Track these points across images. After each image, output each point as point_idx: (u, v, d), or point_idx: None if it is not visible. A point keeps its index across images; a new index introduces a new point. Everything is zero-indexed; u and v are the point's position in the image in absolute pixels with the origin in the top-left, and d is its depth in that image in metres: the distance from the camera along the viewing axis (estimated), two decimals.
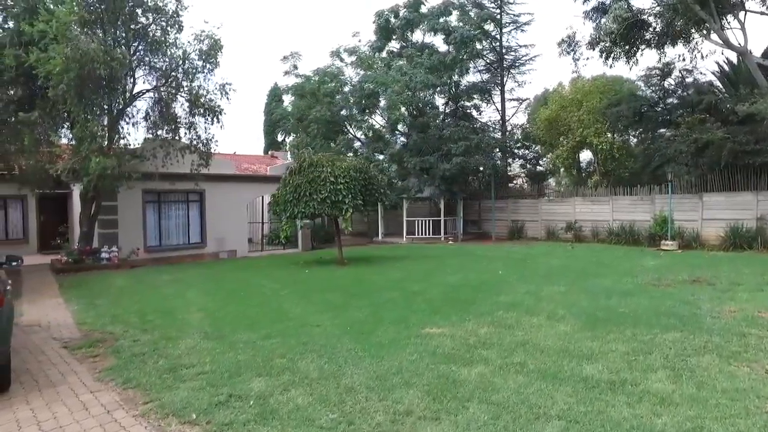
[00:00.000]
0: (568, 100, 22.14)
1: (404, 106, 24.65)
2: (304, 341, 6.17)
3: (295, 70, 25.98)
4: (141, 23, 14.54)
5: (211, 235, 18.51)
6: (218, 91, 15.32)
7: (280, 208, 13.51)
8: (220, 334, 6.62)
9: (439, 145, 22.67)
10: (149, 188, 16.45)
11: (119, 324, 7.35)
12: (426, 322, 6.96)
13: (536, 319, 6.90)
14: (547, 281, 10.05)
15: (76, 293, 10.27)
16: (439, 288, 9.66)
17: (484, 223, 24.59)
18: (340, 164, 13.66)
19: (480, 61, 25.81)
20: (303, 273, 12.59)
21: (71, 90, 12.42)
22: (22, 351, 6.17)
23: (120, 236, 15.92)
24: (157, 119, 15.30)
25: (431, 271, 12.09)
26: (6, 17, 13.81)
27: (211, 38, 14.85)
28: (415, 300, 8.56)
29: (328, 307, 8.19)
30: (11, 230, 18.43)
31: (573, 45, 20.65)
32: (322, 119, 23.74)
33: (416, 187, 22.68)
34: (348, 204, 13.20)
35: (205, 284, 11.18)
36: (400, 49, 26.05)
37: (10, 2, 13.61)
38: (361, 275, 11.77)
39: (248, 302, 8.90)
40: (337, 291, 9.70)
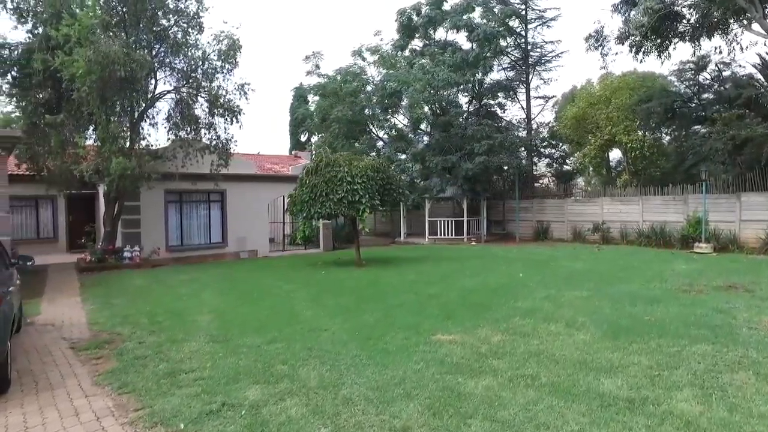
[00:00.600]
0: (597, 97, 21.41)
1: (426, 104, 24.36)
2: (310, 346, 5.97)
3: (318, 70, 25.94)
4: (162, 25, 14.68)
5: (232, 235, 18.61)
6: (237, 92, 15.36)
7: (297, 208, 13.41)
8: (226, 337, 6.49)
9: (461, 144, 22.26)
10: (171, 188, 16.64)
11: (129, 325, 7.32)
12: (437, 328, 6.67)
13: (554, 326, 6.53)
14: (568, 285, 9.61)
15: (94, 292, 10.38)
16: (455, 291, 9.35)
17: (508, 224, 24.05)
18: (357, 164, 13.46)
19: (504, 58, 25.23)
20: (319, 274, 12.45)
21: (93, 92, 12.62)
22: (31, 350, 6.19)
23: (142, 236, 16.14)
24: (177, 120, 15.44)
25: (449, 274, 11.77)
26: (36, 23, 14.12)
27: (230, 38, 14.89)
28: (429, 304, 8.28)
29: (339, 311, 7.99)
30: (42, 229, 18.94)
31: (601, 40, 19.94)
32: (343, 119, 23.63)
33: (438, 186, 22.34)
34: (365, 204, 13.00)
35: (221, 285, 11.15)
36: (422, 48, 25.72)
37: (39, 8, 13.91)
38: (377, 277, 11.54)
39: (260, 304, 8.79)
40: (351, 294, 9.49)
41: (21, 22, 14.12)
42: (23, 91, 14.36)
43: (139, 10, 13.76)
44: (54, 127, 13.66)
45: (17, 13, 13.95)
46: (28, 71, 13.80)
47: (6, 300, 4.83)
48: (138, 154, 13.67)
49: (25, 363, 5.69)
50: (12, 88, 14.61)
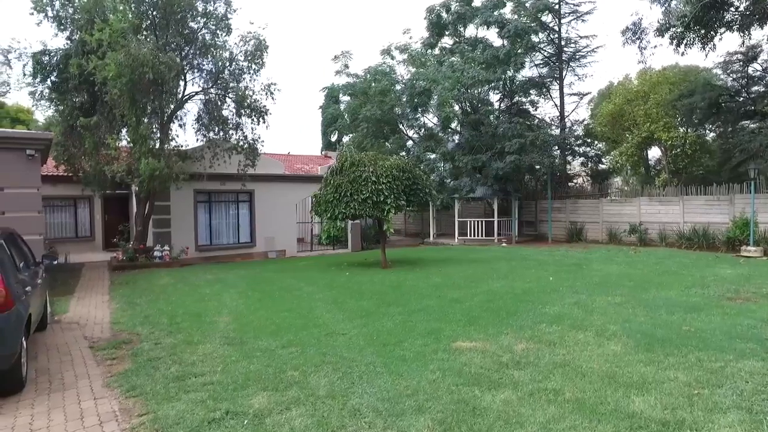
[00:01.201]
0: (634, 93, 20.51)
1: (456, 103, 23.94)
2: (324, 351, 5.80)
3: (347, 70, 25.89)
4: (191, 28, 14.86)
5: (261, 235, 18.72)
6: (264, 92, 15.39)
7: (321, 208, 13.30)
8: (241, 340, 6.39)
9: (492, 142, 21.75)
10: (200, 188, 16.87)
11: (148, 325, 7.33)
12: (458, 335, 6.39)
13: (582, 335, 6.13)
14: (601, 290, 9.12)
15: (121, 291, 10.54)
16: (480, 296, 9.01)
17: (540, 225, 23.38)
18: (383, 163, 13.25)
19: (537, 54, 24.52)
20: (343, 276, 12.30)
21: (124, 94, 12.87)
22: (53, 349, 6.25)
23: (173, 235, 16.40)
24: (206, 121, 15.62)
25: (476, 276, 11.41)
26: (73, 30, 14.54)
27: (256, 39, 14.94)
28: (452, 308, 7.98)
29: (358, 314, 7.79)
30: (80, 228, 19.53)
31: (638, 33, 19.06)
32: (372, 118, 23.48)
33: (468, 186, 21.91)
34: (390, 204, 12.78)
35: (244, 285, 11.15)
36: (452, 45, 25.30)
37: (77, 16, 14.31)
38: (401, 280, 11.30)
39: (280, 306, 8.69)
40: (373, 296, 9.29)
41: (61, 30, 14.57)
42: (61, 95, 14.82)
43: (168, 13, 13.97)
44: (88, 129, 14.02)
45: (57, 20, 14.40)
46: (65, 76, 14.24)
47: (21, 301, 4.83)
48: (167, 155, 13.86)
49: (45, 361, 5.73)
50: (51, 93, 15.09)
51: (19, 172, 9.49)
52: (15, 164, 9.44)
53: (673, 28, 17.40)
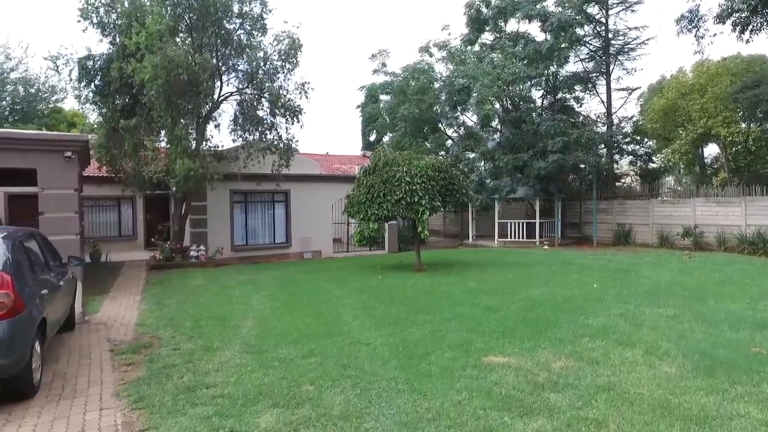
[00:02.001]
0: (689, 86, 19.13)
1: (496, 100, 23.19)
2: (345, 363, 5.44)
3: (384, 68, 25.61)
4: (227, 29, 14.91)
5: (296, 235, 18.67)
6: (298, 91, 15.27)
7: (354, 209, 13.00)
8: (261, 348, 6.13)
9: (534, 141, 20.90)
10: (236, 188, 16.97)
11: (172, 328, 7.20)
12: (491, 348, 5.89)
13: (630, 353, 5.50)
14: (651, 300, 8.34)
15: (154, 291, 10.58)
16: (517, 303, 8.43)
17: (585, 227, 22.29)
18: (417, 163, 12.81)
19: (582, 48, 23.37)
20: (375, 279, 11.94)
21: (160, 96, 13.01)
22: (75, 351, 6.19)
23: (209, 235, 16.55)
24: (242, 121, 15.66)
25: (514, 282, 10.80)
26: (115, 35, 14.88)
27: (290, 38, 14.82)
28: (485, 318, 7.47)
29: (386, 322, 7.40)
30: (123, 228, 20.09)
31: (695, 20, 17.72)
32: (410, 117, 23.08)
33: (509, 186, 21.14)
34: (424, 206, 12.32)
35: (274, 287, 10.98)
36: (493, 41, 24.50)
37: (119, 21, 14.63)
38: (434, 284, 10.83)
39: (307, 310, 8.42)
40: (403, 302, 8.87)
41: (104, 35, 14.94)
42: (103, 98, 15.19)
43: (204, 15, 14.05)
44: (128, 130, 14.30)
45: (101, 26, 14.76)
46: (108, 79, 14.58)
47: (34, 305, 4.72)
48: (201, 156, 13.93)
49: (65, 364, 5.66)
50: (95, 96, 15.51)
51: (58, 174, 9.70)
52: (54, 166, 9.64)
53: (736, 13, 16.03)
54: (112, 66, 14.01)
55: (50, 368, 5.50)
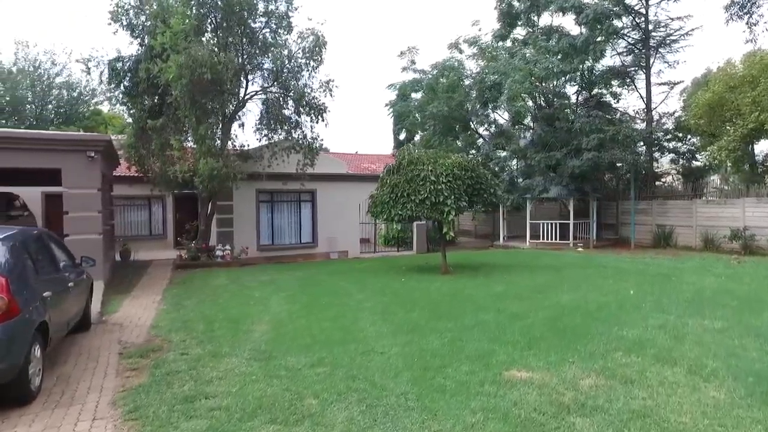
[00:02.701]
0: (739, 79, 17.90)
1: (528, 97, 22.44)
2: (354, 375, 5.11)
3: (413, 66, 25.21)
4: (252, 27, 14.84)
5: (323, 235, 18.51)
6: (322, 89, 15.06)
7: (377, 209, 12.67)
8: (270, 355, 5.87)
9: (568, 139, 20.07)
10: (262, 188, 16.92)
11: (184, 331, 7.04)
12: (513, 360, 5.44)
13: (670, 371, 4.95)
14: (695, 310, 7.66)
15: (175, 291, 10.53)
16: (545, 311, 7.91)
17: (622, 228, 21.27)
18: (443, 162, 12.36)
19: (619, 41, 22.27)
20: (398, 282, 11.57)
21: (185, 95, 13.02)
22: (84, 353, 6.08)
23: (235, 235, 16.55)
24: (267, 120, 15.57)
25: (543, 286, 10.23)
26: (144, 36, 15.04)
27: (314, 35, 14.62)
28: (510, 326, 6.99)
29: (404, 329, 7.03)
30: (153, 227, 20.39)
31: (747, 5, 16.47)
32: (439, 115, 22.61)
33: (541, 186, 20.40)
34: (450, 206, 11.86)
35: (295, 288, 10.76)
36: (525, 36, 23.70)
37: (148, 22, 14.78)
38: (458, 288, 10.37)
39: (324, 314, 8.13)
40: (424, 307, 8.47)
41: (134, 37, 15.12)
42: (132, 98, 15.39)
43: (228, 14, 14.00)
44: (155, 130, 14.42)
45: (130, 28, 14.94)
46: (136, 80, 14.74)
47: (33, 308, 4.59)
48: (225, 155, 13.89)
49: (71, 367, 5.54)
50: (124, 97, 15.74)
51: (81, 174, 9.75)
52: (78, 166, 9.70)
53: None
54: (140, 67, 14.13)
55: (56, 371, 5.39)
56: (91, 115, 32.75)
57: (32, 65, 30.77)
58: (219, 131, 14.68)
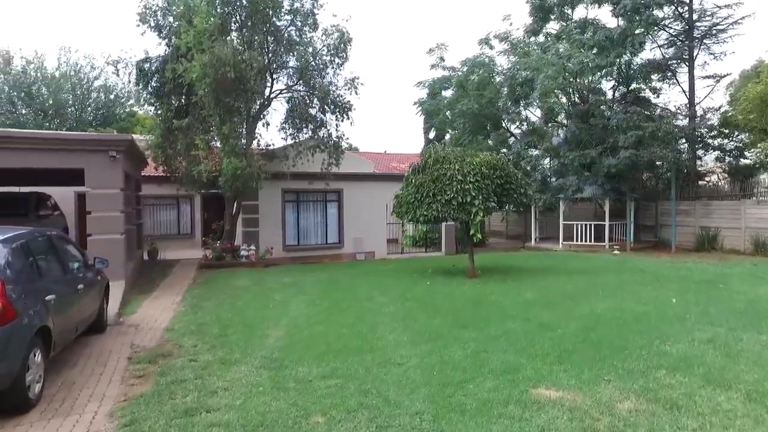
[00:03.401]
0: None
1: (561, 93, 21.60)
2: (368, 389, 4.74)
3: (442, 63, 24.67)
4: (276, 26, 14.68)
5: (349, 236, 18.26)
6: (347, 87, 14.76)
7: (402, 210, 12.26)
8: (281, 363, 5.57)
9: (604, 136, 19.17)
10: (288, 188, 16.78)
11: (197, 335, 6.83)
12: (542, 377, 4.97)
13: (724, 396, 4.37)
14: (748, 323, 6.95)
15: (196, 292, 10.42)
16: (578, 320, 7.35)
17: (661, 230, 20.19)
18: (471, 160, 11.86)
19: (660, 33, 21.13)
20: (422, 285, 11.14)
21: (209, 95, 12.95)
22: (93, 357, 5.93)
23: (260, 234, 16.46)
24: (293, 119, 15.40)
25: (576, 293, 9.62)
26: (170, 37, 15.11)
27: (339, 32, 14.34)
28: (539, 336, 6.49)
29: (425, 337, 6.62)
30: (182, 226, 20.58)
31: None
32: (469, 113, 22.02)
33: (575, 185, 19.57)
34: (477, 206, 11.35)
35: (317, 291, 10.49)
36: (558, 31, 22.83)
37: (175, 23, 14.83)
38: (485, 293, 9.87)
39: (343, 319, 7.80)
40: (448, 314, 8.04)
41: (161, 37, 15.21)
42: (159, 99, 15.49)
43: (252, 12, 13.87)
44: (181, 130, 14.45)
45: (157, 29, 15.04)
46: (163, 80, 14.82)
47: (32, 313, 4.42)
48: (247, 154, 13.76)
49: (77, 372, 5.38)
50: (151, 97, 15.86)
51: (104, 174, 9.74)
52: (100, 166, 9.69)
53: None
54: (166, 67, 14.18)
55: (63, 375, 5.24)
56: (127, 117, 33.62)
57: (73, 69, 31.93)
58: (243, 130, 14.58)
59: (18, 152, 9.19)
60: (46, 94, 31.16)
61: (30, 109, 30.82)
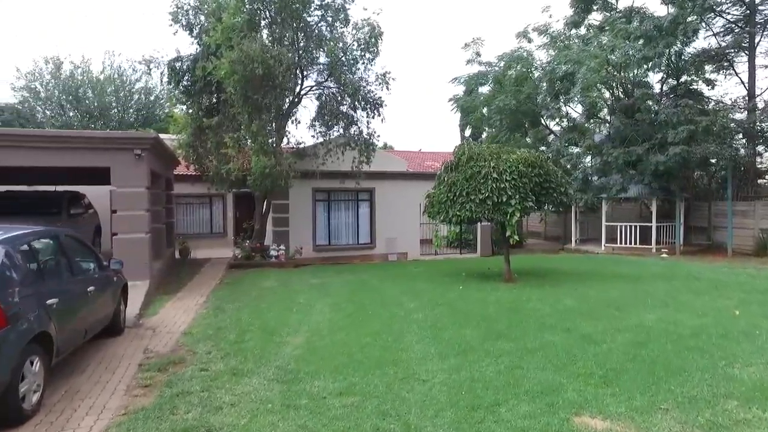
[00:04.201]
0: None
1: (604, 87, 20.48)
2: (386, 410, 4.25)
3: (478, 58, 23.88)
4: (306, 21, 14.38)
5: (381, 236, 17.85)
6: (378, 82, 14.30)
7: (434, 209, 11.68)
8: (296, 376, 5.14)
9: (651, 132, 18.02)
10: (319, 186, 16.51)
11: (212, 341, 6.51)
12: (585, 402, 4.35)
13: None
14: None
15: (221, 293, 10.19)
16: (625, 333, 6.61)
17: (715, 232, 18.81)
18: (507, 157, 11.17)
19: (716, 20, 19.68)
20: (455, 290, 10.54)
21: (237, 92, 12.76)
22: (104, 363, 5.67)
23: (291, 234, 16.23)
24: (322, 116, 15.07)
25: (622, 301, 8.81)
26: (201, 35, 15.06)
27: (370, 26, 13.89)
28: (582, 351, 5.82)
29: (454, 349, 6.07)
30: (215, 225, 20.64)
31: None
32: (506, 109, 21.19)
33: (619, 184, 18.49)
34: (514, 206, 10.65)
35: (344, 294, 10.07)
36: (602, 22, 21.66)
37: (205, 21, 14.77)
38: (522, 299, 9.19)
39: (367, 327, 7.32)
40: (480, 323, 7.43)
41: (192, 36, 15.18)
42: (190, 97, 15.47)
43: (282, 8, 13.60)
44: (211, 129, 14.36)
45: (189, 28, 15.01)
46: (194, 79, 14.78)
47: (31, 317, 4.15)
48: (276, 152, 13.50)
49: (84, 379, 5.11)
50: (182, 96, 15.87)
51: (129, 172, 9.62)
52: (125, 164, 9.58)
53: None
54: (196, 66, 14.12)
55: (69, 382, 4.98)
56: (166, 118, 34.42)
57: (117, 72, 33.01)
58: (272, 128, 14.34)
59: (44, 151, 9.18)
60: (91, 96, 32.34)
61: (77, 111, 32.05)
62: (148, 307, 8.58)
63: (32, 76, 31.29)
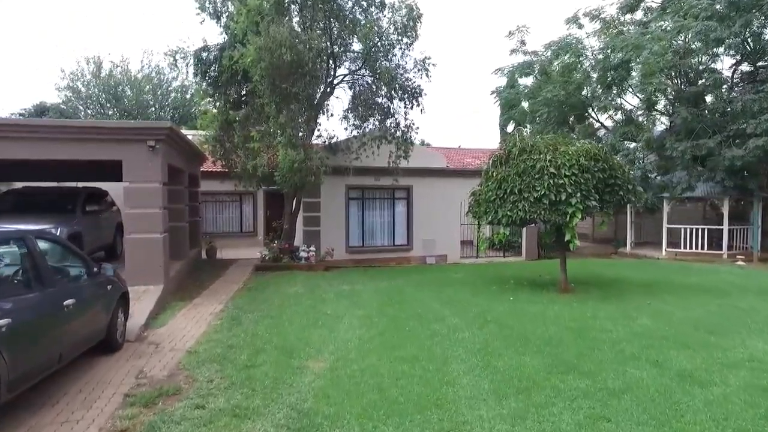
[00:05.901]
0: None
1: (667, 74, 18.48)
2: None
3: (523, 47, 22.21)
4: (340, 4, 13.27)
5: (418, 237, 16.64)
6: (417, 69, 13.02)
7: (480, 209, 10.30)
8: (311, 423, 3.98)
9: (723, 123, 16.02)
10: (352, 184, 15.43)
11: (219, 364, 5.44)
12: None
13: None
14: None
15: (241, 301, 9.18)
16: (737, 371, 5.11)
17: None
18: (565, 149, 9.69)
19: None
20: (504, 302, 9.16)
21: (264, 80, 11.80)
22: (83, 392, 4.66)
23: (322, 234, 15.22)
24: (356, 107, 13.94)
25: (713, 323, 7.23)
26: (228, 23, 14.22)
27: (408, 7, 12.64)
28: (686, 397, 4.41)
29: (515, 385, 4.78)
30: (244, 224, 19.90)
31: None
32: (554, 101, 19.50)
33: (684, 182, 16.58)
34: (575, 206, 9.18)
35: (375, 305, 8.87)
36: (664, 1, 19.63)
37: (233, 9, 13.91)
38: (587, 317, 7.75)
39: (402, 349, 6.09)
40: (542, 348, 6.08)
41: (219, 25, 14.34)
42: (216, 89, 14.65)
43: None
44: (239, 122, 13.49)
45: (216, 16, 14.20)
46: (221, 70, 13.94)
47: None
48: (305, 146, 12.45)
49: (48, 419, 4.07)
50: (209, 88, 15.08)
51: (142, 166, 8.74)
52: (138, 157, 8.71)
53: None
54: (223, 55, 13.29)
55: (29, 422, 3.98)
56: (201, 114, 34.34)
57: (154, 71, 33.17)
58: (302, 120, 13.31)
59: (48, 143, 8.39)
60: (130, 95, 32.64)
61: (116, 109, 32.35)
62: (158, 316, 7.64)
63: (74, 76, 31.79)
